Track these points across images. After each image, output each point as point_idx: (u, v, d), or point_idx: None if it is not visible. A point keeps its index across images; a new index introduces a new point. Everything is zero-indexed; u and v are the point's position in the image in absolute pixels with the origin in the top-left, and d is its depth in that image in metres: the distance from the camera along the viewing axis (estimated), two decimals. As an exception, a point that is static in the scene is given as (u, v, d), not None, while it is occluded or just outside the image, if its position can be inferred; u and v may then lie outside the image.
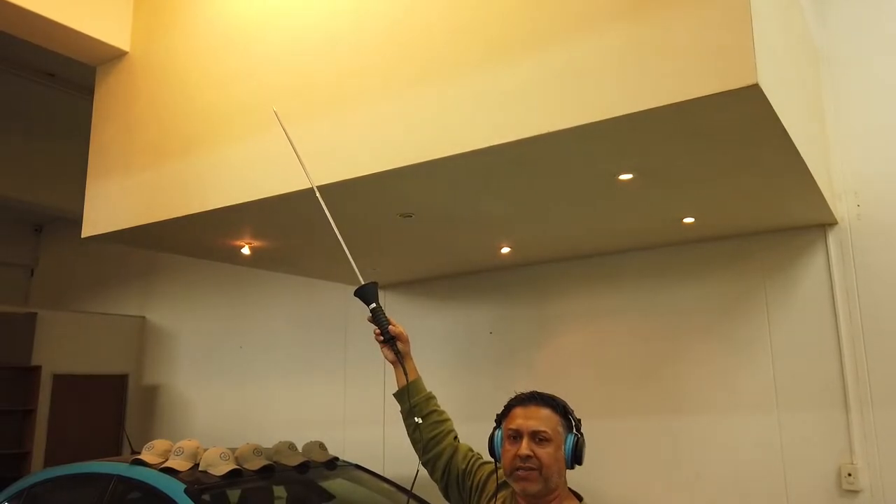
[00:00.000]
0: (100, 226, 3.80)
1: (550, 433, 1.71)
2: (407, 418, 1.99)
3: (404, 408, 2.00)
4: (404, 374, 1.99)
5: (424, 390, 2.01)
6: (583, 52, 2.33)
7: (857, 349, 3.53)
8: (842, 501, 3.46)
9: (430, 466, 1.96)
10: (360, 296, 2.04)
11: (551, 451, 1.70)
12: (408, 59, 2.77)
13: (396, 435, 4.99)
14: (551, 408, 1.75)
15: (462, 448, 1.98)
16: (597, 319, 4.39)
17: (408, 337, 2.02)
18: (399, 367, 2.00)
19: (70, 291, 8.35)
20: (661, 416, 4.05)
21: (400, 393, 2.01)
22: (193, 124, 3.48)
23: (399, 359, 1.99)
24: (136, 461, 3.36)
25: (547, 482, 1.70)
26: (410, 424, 1.98)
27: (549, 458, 1.70)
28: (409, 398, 1.97)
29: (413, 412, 1.96)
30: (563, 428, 1.75)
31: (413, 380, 1.99)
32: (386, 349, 2.00)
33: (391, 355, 2.00)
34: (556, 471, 1.71)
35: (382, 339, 1.99)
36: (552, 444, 1.71)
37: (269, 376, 6.11)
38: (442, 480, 1.96)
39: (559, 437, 1.73)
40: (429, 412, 1.97)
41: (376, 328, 2.00)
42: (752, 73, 1.99)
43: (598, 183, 2.95)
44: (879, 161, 3.59)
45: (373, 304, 2.01)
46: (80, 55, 3.91)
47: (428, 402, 1.99)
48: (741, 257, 3.92)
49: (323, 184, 2.88)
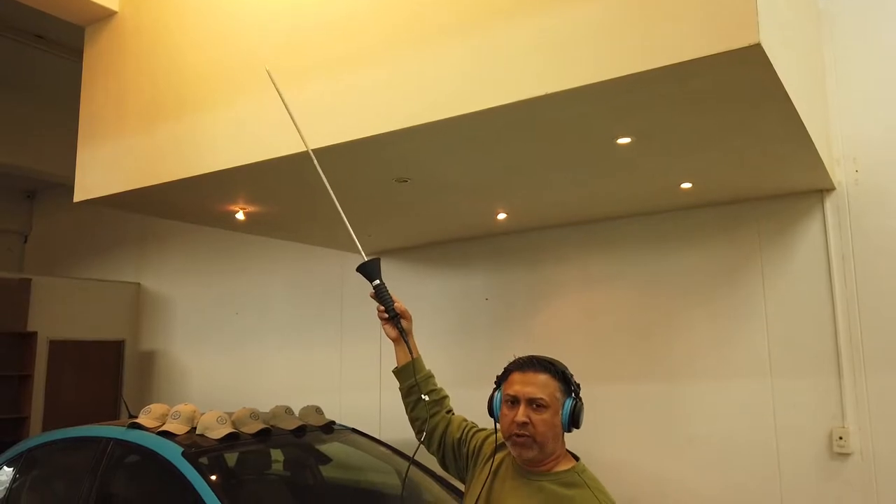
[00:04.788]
0: (92, 190, 3.76)
1: (548, 399, 1.71)
2: (407, 396, 2.00)
3: (406, 385, 2.00)
4: (408, 351, 1.98)
5: (425, 369, 2.02)
6: (581, 13, 2.28)
7: (851, 315, 3.54)
8: (833, 464, 3.51)
9: (427, 441, 1.97)
10: (362, 272, 2.00)
11: (547, 417, 1.70)
12: (403, 21, 2.71)
13: (392, 400, 5.03)
14: (550, 373, 1.75)
15: (456, 419, 1.99)
16: (593, 285, 4.40)
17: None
18: (402, 345, 1.99)
19: (64, 258, 8.32)
20: (655, 380, 4.08)
21: (401, 370, 2.01)
22: (185, 86, 3.42)
23: (402, 336, 1.98)
24: (133, 425, 3.37)
25: (542, 448, 1.71)
26: (410, 402, 1.99)
27: (545, 425, 1.70)
28: (414, 375, 1.97)
29: (414, 390, 1.97)
30: (562, 393, 1.74)
31: (416, 357, 1.99)
32: (389, 327, 1.99)
33: (394, 333, 1.99)
34: (551, 437, 1.71)
35: (387, 317, 1.98)
36: (549, 411, 1.71)
37: (265, 342, 6.13)
38: (438, 452, 1.97)
39: (556, 403, 1.72)
40: (429, 391, 1.98)
41: (380, 305, 1.98)
42: (753, 33, 1.95)
43: (596, 147, 2.92)
44: (879, 126, 3.55)
45: (376, 281, 1.98)
46: (68, 15, 3.83)
47: (428, 381, 2.00)
48: (738, 223, 3.91)
49: (317, 147, 2.85)
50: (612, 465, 4.06)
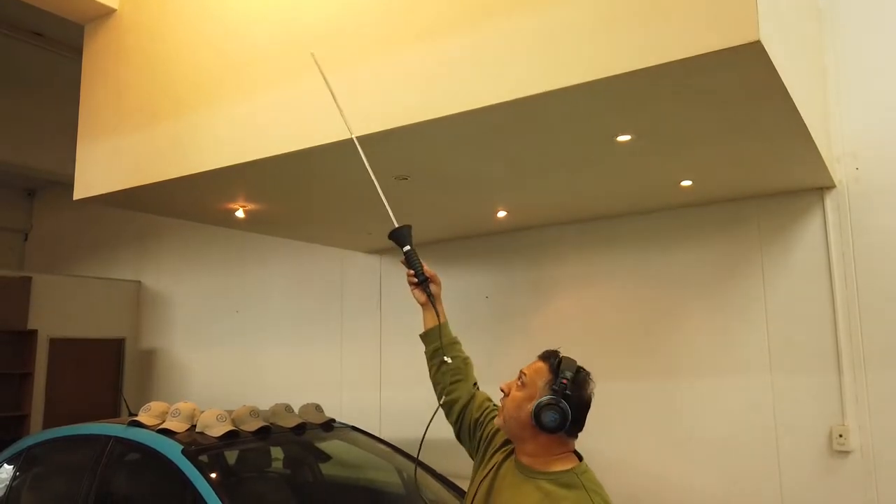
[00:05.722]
0: (92, 188, 3.76)
1: (528, 380, 1.71)
2: (432, 358, 2.01)
3: (431, 347, 2.01)
4: (436, 316, 2.01)
5: (451, 334, 2.03)
6: (580, 10, 2.27)
7: (851, 312, 3.53)
8: (832, 462, 3.51)
9: (447, 408, 1.97)
10: (394, 238, 2.06)
11: (519, 395, 1.70)
12: (402, 18, 2.71)
13: (392, 397, 5.03)
14: (548, 364, 1.75)
15: (479, 396, 1.98)
16: (593, 283, 4.39)
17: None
18: (430, 309, 2.02)
19: (65, 256, 8.32)
20: (657, 377, 4.08)
21: (428, 333, 2.03)
22: (185, 83, 3.41)
23: (431, 300, 2.01)
24: (133, 423, 3.37)
25: (506, 424, 1.72)
26: (434, 364, 2.00)
27: (513, 402, 1.70)
28: (441, 338, 1.99)
29: (439, 353, 1.98)
30: (546, 385, 1.69)
31: (444, 322, 2.02)
32: (418, 291, 2.02)
33: (423, 297, 2.02)
34: (515, 418, 1.70)
35: (416, 281, 2.01)
36: (524, 391, 1.70)
37: (265, 340, 6.13)
38: (456, 424, 1.97)
39: (534, 389, 1.68)
40: (454, 356, 1.99)
41: (409, 269, 2.02)
42: (754, 30, 1.95)
43: (596, 144, 2.91)
44: (879, 124, 3.55)
45: (407, 247, 2.03)
46: (68, 12, 3.82)
47: (453, 346, 2.02)
48: (738, 221, 3.90)
49: (314, 145, 2.85)
50: (612, 462, 4.06)
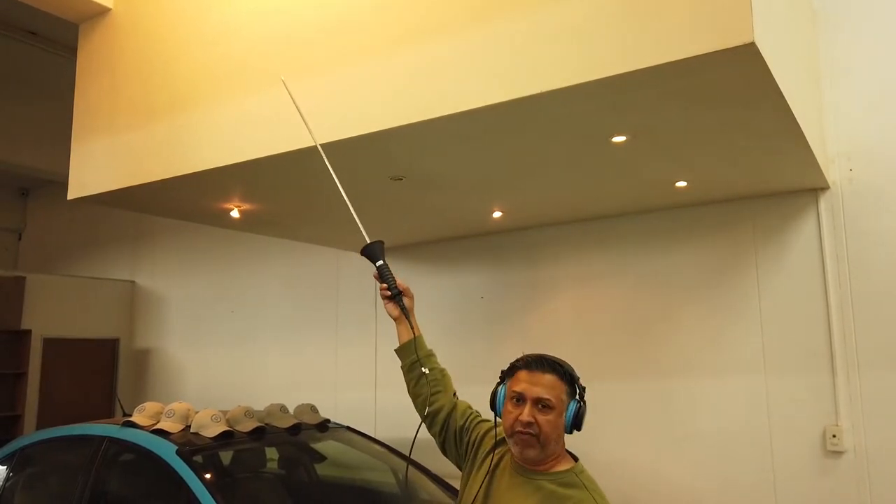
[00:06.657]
0: (86, 187, 3.75)
1: (554, 401, 1.70)
2: (409, 372, 2.00)
3: (408, 361, 2.01)
4: (410, 329, 2.01)
5: (426, 347, 2.03)
6: (575, 11, 2.28)
7: (845, 313, 3.55)
8: (826, 462, 3.52)
9: (430, 421, 1.97)
10: (366, 254, 2.07)
11: (552, 418, 1.70)
12: (397, 18, 2.71)
13: (387, 398, 5.03)
14: (557, 374, 1.74)
15: (461, 405, 1.99)
16: (588, 283, 4.40)
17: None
18: (404, 323, 2.02)
19: (59, 255, 8.29)
20: (651, 378, 4.09)
21: (404, 347, 2.02)
22: (180, 83, 3.40)
23: (404, 314, 2.01)
24: (127, 423, 3.36)
25: (544, 448, 1.70)
26: (412, 378, 1.99)
27: (550, 425, 1.69)
28: (416, 351, 1.99)
29: (416, 366, 1.98)
30: (567, 395, 1.73)
31: (418, 336, 2.01)
32: (391, 305, 2.02)
33: (396, 311, 2.02)
34: (554, 438, 1.71)
35: (389, 295, 2.02)
36: (554, 412, 1.70)
37: (260, 340, 6.12)
38: (440, 436, 1.97)
39: (561, 405, 1.72)
40: (431, 367, 1.99)
41: (383, 284, 2.03)
42: (748, 32, 1.96)
43: (591, 145, 2.92)
44: (873, 126, 3.56)
45: (380, 262, 2.04)
46: (63, 11, 3.81)
47: (429, 358, 2.01)
48: (732, 222, 3.91)
49: (310, 145, 2.84)
50: (608, 462, 4.07)
